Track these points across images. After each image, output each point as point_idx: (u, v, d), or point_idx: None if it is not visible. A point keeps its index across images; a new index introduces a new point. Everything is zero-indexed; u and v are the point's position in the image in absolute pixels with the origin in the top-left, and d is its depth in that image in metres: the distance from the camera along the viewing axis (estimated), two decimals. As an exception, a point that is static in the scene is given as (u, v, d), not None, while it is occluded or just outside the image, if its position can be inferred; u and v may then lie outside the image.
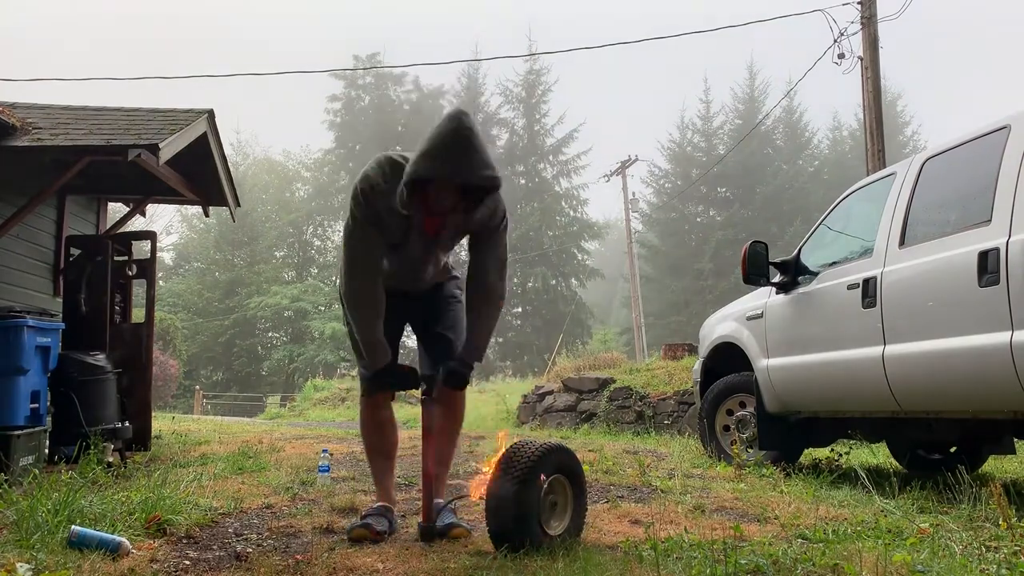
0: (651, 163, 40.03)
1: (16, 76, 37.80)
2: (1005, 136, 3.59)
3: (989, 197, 3.53)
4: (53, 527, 2.73)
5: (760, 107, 38.97)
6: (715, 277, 36.39)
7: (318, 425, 12.17)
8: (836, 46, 12.02)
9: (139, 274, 6.80)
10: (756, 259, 4.90)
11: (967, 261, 3.50)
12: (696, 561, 2.39)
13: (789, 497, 3.75)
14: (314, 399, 21.81)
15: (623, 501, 3.68)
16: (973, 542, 2.74)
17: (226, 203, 7.62)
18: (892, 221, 4.11)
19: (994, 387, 3.43)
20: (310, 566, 2.46)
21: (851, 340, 4.19)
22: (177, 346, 27.14)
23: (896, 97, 43.01)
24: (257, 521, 3.25)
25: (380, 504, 3.04)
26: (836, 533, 2.89)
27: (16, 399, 4.92)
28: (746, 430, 5.15)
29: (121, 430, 5.49)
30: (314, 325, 33.82)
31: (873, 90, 11.53)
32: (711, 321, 5.83)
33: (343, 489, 4.00)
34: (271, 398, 31.65)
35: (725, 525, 3.03)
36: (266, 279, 37.76)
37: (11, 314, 5.03)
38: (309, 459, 5.11)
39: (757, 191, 38.74)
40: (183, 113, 6.61)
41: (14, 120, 5.89)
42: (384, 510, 3.00)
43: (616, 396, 9.78)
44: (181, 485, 3.82)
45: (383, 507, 3.01)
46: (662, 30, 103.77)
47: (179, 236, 42.12)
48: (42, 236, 7.03)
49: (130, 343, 6.37)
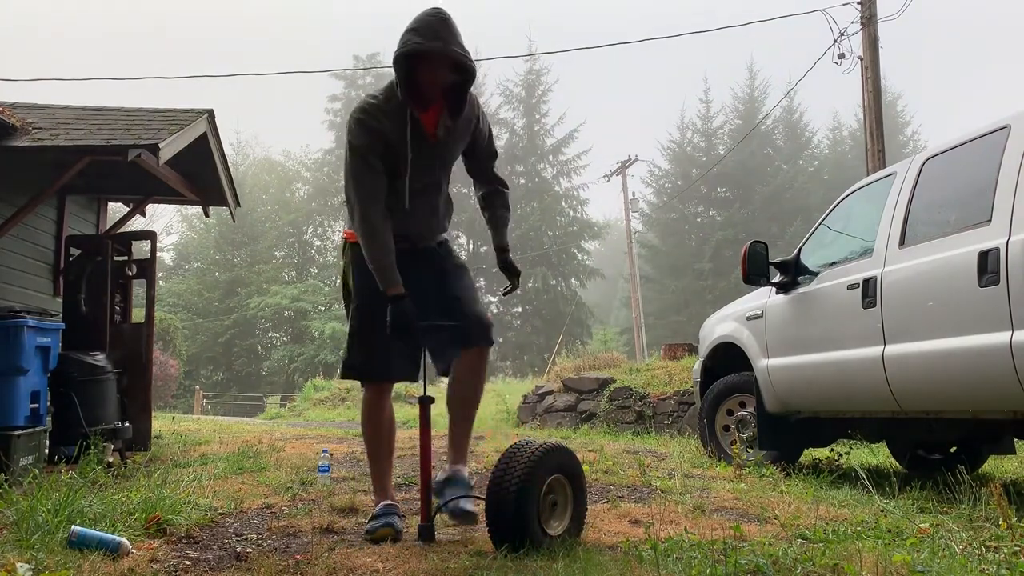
0: (651, 163, 40.06)
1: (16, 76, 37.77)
2: (1005, 136, 3.59)
3: (989, 197, 3.53)
4: (53, 527, 2.73)
5: (760, 107, 38.95)
6: (715, 277, 36.37)
7: (318, 425, 12.17)
8: (836, 46, 12.02)
9: (139, 274, 6.80)
10: (756, 259, 4.90)
11: (967, 261, 3.50)
12: (696, 561, 2.39)
13: (789, 497, 3.76)
14: (314, 399, 21.80)
15: (623, 501, 3.68)
16: (973, 542, 2.75)
17: (226, 203, 7.62)
18: (892, 221, 4.11)
19: (994, 387, 3.43)
20: (310, 566, 2.46)
21: (851, 340, 4.19)
22: (177, 346, 27.12)
23: (896, 97, 43.01)
24: (257, 521, 3.25)
25: (387, 503, 3.03)
26: (836, 533, 2.89)
27: (16, 399, 4.91)
28: (746, 430, 5.15)
29: (121, 430, 5.49)
30: (314, 325, 33.81)
31: (873, 90, 11.52)
32: (711, 321, 5.83)
33: (343, 489, 4.00)
34: (271, 398, 31.64)
35: (725, 525, 3.03)
36: (266, 279, 37.74)
37: (11, 314, 5.03)
38: (309, 459, 5.11)
39: (757, 191, 38.72)
40: (183, 113, 6.61)
41: (14, 120, 5.89)
42: (394, 509, 3.01)
43: (616, 396, 9.77)
44: (181, 485, 3.82)
45: (392, 506, 3.02)
46: (662, 30, 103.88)
47: (179, 236, 42.15)
48: (42, 236, 7.03)
49: (130, 343, 6.37)
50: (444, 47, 2.78)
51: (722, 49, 72.45)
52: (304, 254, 42.89)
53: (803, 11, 12.26)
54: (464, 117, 3.02)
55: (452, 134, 3.02)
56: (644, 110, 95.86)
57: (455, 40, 2.81)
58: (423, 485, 2.86)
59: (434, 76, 2.85)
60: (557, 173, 39.64)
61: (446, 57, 2.81)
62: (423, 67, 2.83)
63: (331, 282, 40.26)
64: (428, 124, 2.96)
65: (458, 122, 3.00)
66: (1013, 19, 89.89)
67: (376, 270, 2.88)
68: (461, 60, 2.83)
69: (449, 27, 2.82)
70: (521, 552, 2.50)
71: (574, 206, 39.41)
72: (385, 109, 2.90)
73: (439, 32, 2.79)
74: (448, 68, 2.86)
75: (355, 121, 2.92)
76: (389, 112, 2.89)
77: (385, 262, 2.87)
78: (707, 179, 37.27)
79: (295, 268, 41.91)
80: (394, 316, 2.78)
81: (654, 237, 41.21)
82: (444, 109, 2.96)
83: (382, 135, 2.89)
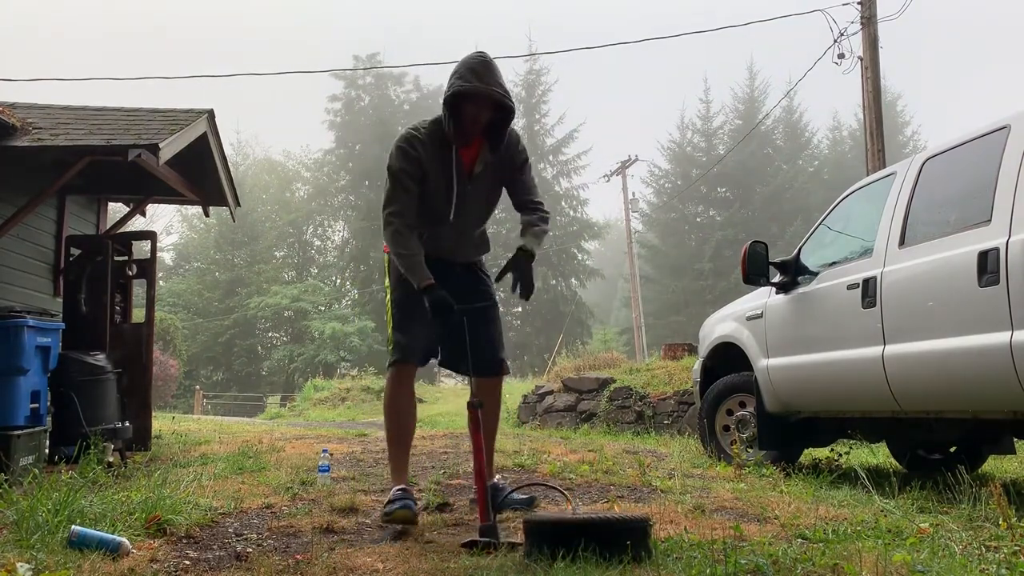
0: (651, 163, 40.04)
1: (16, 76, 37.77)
2: (1005, 136, 3.59)
3: (989, 197, 3.53)
4: (53, 527, 2.73)
5: (760, 107, 38.94)
6: (715, 277, 36.36)
7: (318, 425, 12.17)
8: (836, 46, 12.02)
9: (139, 274, 6.80)
10: (756, 259, 4.89)
11: (967, 261, 3.50)
12: (696, 561, 2.39)
13: (789, 497, 3.75)
14: (314, 399, 21.82)
15: (623, 501, 3.68)
16: (973, 542, 2.74)
17: (226, 203, 7.62)
18: (892, 221, 4.11)
19: (994, 387, 3.43)
20: (310, 566, 2.46)
21: (851, 340, 4.19)
22: (177, 346, 27.11)
23: (896, 97, 42.98)
24: (257, 521, 3.25)
25: (402, 488, 3.15)
26: (836, 533, 2.89)
27: (16, 399, 4.91)
28: (746, 430, 5.15)
29: (121, 430, 5.49)
30: (314, 325, 33.79)
31: (873, 90, 11.52)
32: (711, 321, 5.83)
33: (343, 489, 4.00)
34: (271, 398, 31.66)
35: (725, 525, 3.03)
36: (266, 279, 37.73)
37: (11, 314, 5.03)
38: (309, 459, 5.11)
39: (757, 191, 38.71)
40: (183, 113, 6.60)
41: (14, 120, 5.89)
42: (408, 494, 3.12)
43: (616, 396, 9.77)
44: (181, 485, 3.82)
45: (406, 490, 3.14)
46: (662, 30, 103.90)
47: (179, 236, 42.16)
48: (42, 236, 7.03)
49: (130, 343, 6.37)
50: (486, 88, 3.06)
51: (722, 49, 72.53)
52: (304, 254, 42.89)
53: (803, 11, 12.28)
54: (506, 155, 3.28)
55: (490, 171, 3.29)
56: (644, 110, 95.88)
57: (495, 81, 3.09)
58: (479, 485, 2.87)
59: (477, 114, 3.12)
60: (557, 173, 39.63)
61: (488, 97, 3.08)
62: (467, 106, 3.10)
63: (331, 282, 40.27)
64: (467, 160, 3.25)
65: (498, 159, 3.27)
66: (1013, 19, 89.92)
67: (407, 270, 3.12)
68: (501, 99, 3.10)
69: (491, 69, 3.10)
70: (520, 553, 2.50)
71: (574, 206, 39.41)
72: (425, 141, 3.18)
73: (481, 74, 3.07)
74: (490, 107, 3.13)
75: (397, 148, 3.20)
76: (428, 145, 3.17)
77: (413, 261, 3.11)
78: (707, 179, 37.26)
79: (295, 268, 41.92)
80: (432, 303, 3.02)
81: (654, 237, 41.19)
82: (484, 145, 3.24)
83: (420, 163, 3.16)
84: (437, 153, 3.18)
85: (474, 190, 3.27)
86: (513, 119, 3.20)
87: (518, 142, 3.35)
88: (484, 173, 3.28)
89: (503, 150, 3.27)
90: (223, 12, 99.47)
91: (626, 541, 2.38)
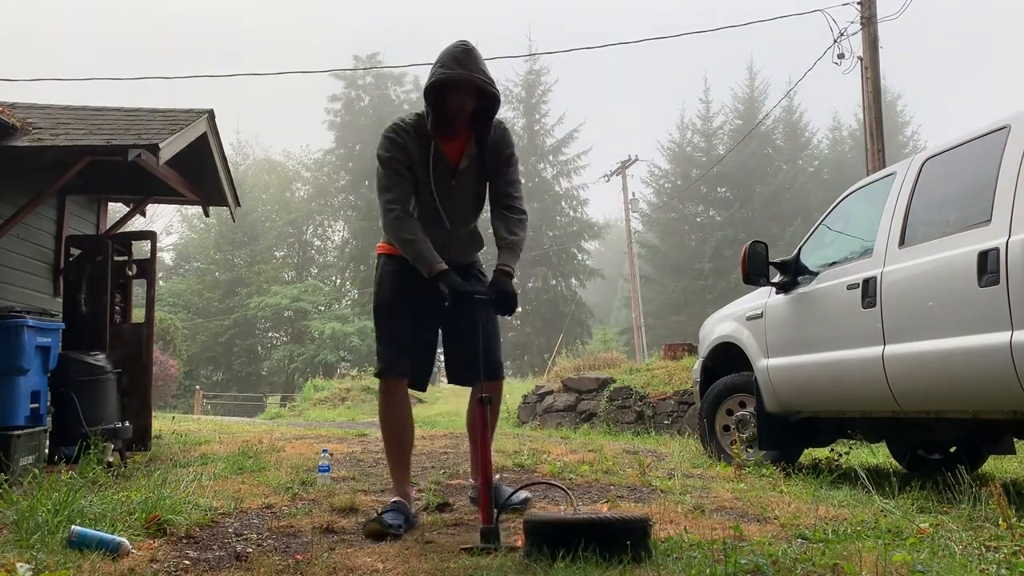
0: (651, 163, 40.05)
1: (16, 76, 37.78)
2: (1005, 136, 3.59)
3: (989, 197, 3.53)
4: (53, 527, 2.72)
5: (760, 107, 38.94)
6: (715, 277, 36.36)
7: (318, 425, 12.16)
8: (836, 46, 12.04)
9: (139, 274, 6.79)
10: (756, 259, 4.89)
11: (967, 261, 3.50)
12: (696, 561, 2.39)
13: (789, 497, 3.75)
14: (314, 399, 21.81)
15: (623, 501, 3.68)
16: (973, 542, 2.74)
17: (226, 203, 7.61)
18: (892, 221, 4.11)
19: (994, 387, 3.43)
20: (310, 566, 2.46)
21: (851, 340, 4.19)
22: (177, 346, 27.12)
23: (896, 97, 42.99)
24: (257, 521, 3.25)
25: (396, 500, 3.10)
26: (836, 533, 2.89)
27: (16, 399, 4.91)
28: (746, 430, 5.15)
29: (121, 430, 5.49)
30: (314, 325, 33.80)
31: (873, 90, 11.53)
32: (711, 321, 5.83)
33: (343, 489, 4.00)
34: (271, 398, 31.64)
35: (725, 525, 3.03)
36: (266, 279, 37.74)
37: (11, 314, 5.03)
38: (309, 459, 5.11)
39: (757, 191, 38.71)
40: (183, 113, 6.60)
41: (14, 120, 5.89)
42: (400, 506, 3.06)
43: (616, 396, 9.77)
44: (181, 485, 3.82)
45: (399, 503, 3.08)
46: (662, 30, 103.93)
47: (179, 236, 42.17)
48: (42, 236, 7.03)
49: (130, 343, 6.36)
50: (469, 75, 2.98)
51: (722, 49, 72.53)
52: (304, 254, 42.90)
53: (803, 11, 12.29)
54: (492, 147, 3.20)
55: (477, 165, 3.20)
56: (644, 110, 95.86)
57: (478, 67, 3.01)
58: (483, 489, 2.82)
59: (462, 103, 3.04)
60: (557, 173, 39.63)
61: (470, 83, 3.00)
62: (450, 95, 3.02)
63: (331, 282, 40.28)
64: (452, 154, 3.16)
65: (484, 152, 3.18)
66: (1013, 19, 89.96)
67: (415, 258, 3.03)
68: (483, 86, 3.02)
69: (472, 56, 3.02)
70: (520, 553, 2.50)
71: (574, 206, 39.41)
72: (411, 132, 3.12)
73: (464, 62, 3.00)
74: (472, 94, 3.05)
75: (384, 137, 3.14)
76: (414, 136, 3.11)
77: (421, 246, 3.02)
78: (707, 179, 37.26)
79: (295, 268, 41.92)
80: (450, 289, 2.94)
81: (654, 237, 41.19)
82: (470, 140, 3.16)
83: (407, 152, 3.10)
84: (421, 145, 3.12)
85: (460, 185, 3.19)
86: (498, 108, 3.14)
87: (504, 134, 3.26)
88: (470, 168, 3.19)
89: (489, 142, 3.19)
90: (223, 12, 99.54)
91: (626, 541, 2.38)
